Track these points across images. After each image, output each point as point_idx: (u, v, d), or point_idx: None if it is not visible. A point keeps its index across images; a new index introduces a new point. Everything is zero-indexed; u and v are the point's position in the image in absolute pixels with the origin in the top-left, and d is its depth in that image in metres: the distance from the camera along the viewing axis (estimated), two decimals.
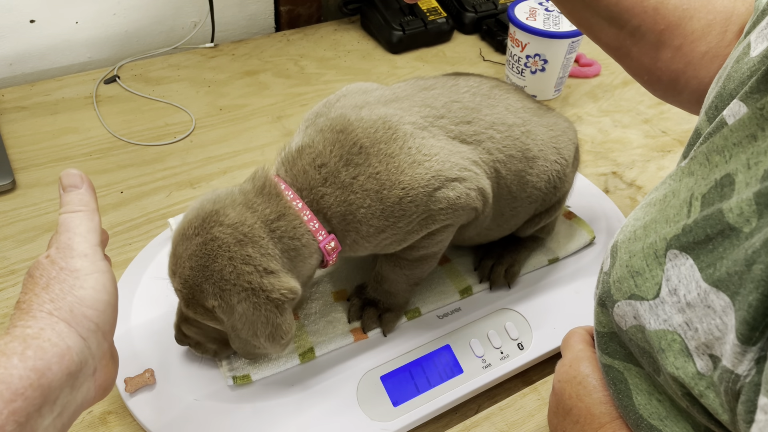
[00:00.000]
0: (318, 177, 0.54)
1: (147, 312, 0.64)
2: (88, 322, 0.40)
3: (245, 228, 0.51)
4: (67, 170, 0.45)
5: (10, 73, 1.01)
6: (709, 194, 0.37)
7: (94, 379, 0.41)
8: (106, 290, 0.41)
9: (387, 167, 0.54)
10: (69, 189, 0.45)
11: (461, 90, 0.62)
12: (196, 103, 0.98)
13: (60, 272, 0.40)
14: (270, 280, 0.51)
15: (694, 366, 0.35)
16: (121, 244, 0.74)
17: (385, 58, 1.13)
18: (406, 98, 0.60)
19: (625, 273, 0.42)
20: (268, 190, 0.54)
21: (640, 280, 0.40)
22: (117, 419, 0.58)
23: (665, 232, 0.39)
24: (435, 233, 0.59)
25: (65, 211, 0.44)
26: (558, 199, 0.68)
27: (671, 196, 0.41)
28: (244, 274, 0.50)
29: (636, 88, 1.09)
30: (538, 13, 0.97)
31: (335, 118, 0.56)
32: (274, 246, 0.52)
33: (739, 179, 0.35)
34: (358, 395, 0.58)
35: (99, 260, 0.42)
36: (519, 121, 0.62)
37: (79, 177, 0.45)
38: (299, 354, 0.61)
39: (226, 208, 0.52)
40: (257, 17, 1.19)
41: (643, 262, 0.40)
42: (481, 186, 0.58)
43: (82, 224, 0.43)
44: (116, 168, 0.85)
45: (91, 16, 1.03)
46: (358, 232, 0.55)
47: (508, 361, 0.63)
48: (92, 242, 0.43)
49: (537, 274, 0.71)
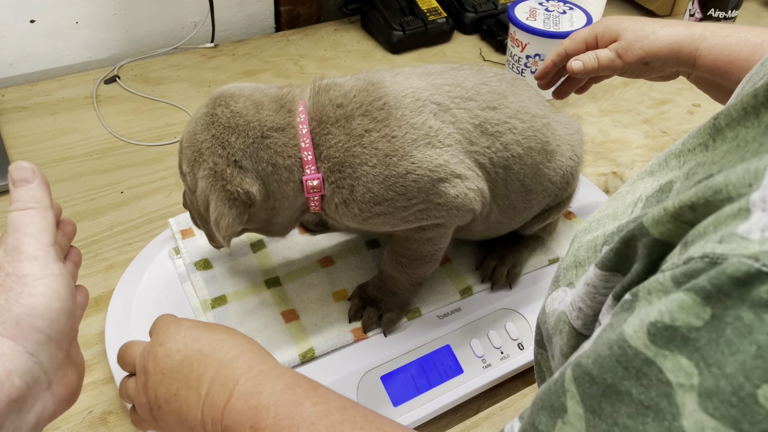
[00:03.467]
0: (332, 115, 0.54)
1: (147, 312, 0.64)
2: (38, 334, 0.36)
3: (241, 120, 0.53)
4: (16, 163, 0.41)
5: (10, 73, 1.01)
6: (652, 197, 0.38)
7: (51, 393, 0.38)
8: (58, 296, 0.37)
9: (405, 135, 0.54)
10: (19, 184, 0.40)
11: (488, 74, 0.62)
12: (196, 103, 0.98)
13: (6, 279, 0.36)
14: (234, 172, 0.52)
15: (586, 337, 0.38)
16: (121, 244, 0.74)
17: (385, 58, 1.13)
18: (438, 74, 0.60)
19: (571, 262, 0.43)
20: (284, 103, 0.55)
21: (580, 270, 0.42)
22: (117, 419, 0.58)
23: (608, 228, 0.40)
24: (426, 229, 0.58)
25: (14, 209, 0.39)
26: (567, 195, 0.68)
27: (629, 193, 0.42)
28: (215, 155, 0.52)
29: (636, 88, 1.09)
30: (538, 13, 0.97)
31: (372, 73, 0.58)
32: (256, 149, 0.53)
33: (676, 187, 0.36)
34: (358, 395, 0.58)
35: (51, 263, 0.38)
36: (541, 113, 0.62)
37: (30, 170, 0.41)
38: (299, 354, 0.60)
39: (240, 97, 0.54)
40: (257, 17, 1.19)
41: (585, 254, 0.42)
42: (481, 187, 0.58)
43: (33, 223, 0.39)
44: (116, 168, 0.85)
45: (91, 16, 1.03)
46: (352, 192, 0.54)
47: (508, 361, 0.63)
48: (44, 243, 0.38)
49: (537, 274, 0.71)
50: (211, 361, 0.44)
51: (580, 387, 0.29)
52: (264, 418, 0.41)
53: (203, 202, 0.54)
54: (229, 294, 0.65)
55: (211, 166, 0.52)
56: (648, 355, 0.26)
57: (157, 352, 0.46)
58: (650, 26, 0.67)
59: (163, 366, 0.45)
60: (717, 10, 1.14)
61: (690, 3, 1.18)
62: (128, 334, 0.61)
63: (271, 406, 0.41)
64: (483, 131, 0.57)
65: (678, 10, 1.31)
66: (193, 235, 0.70)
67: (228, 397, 0.43)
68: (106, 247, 0.74)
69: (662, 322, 0.26)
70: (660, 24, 0.67)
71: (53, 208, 0.43)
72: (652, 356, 0.26)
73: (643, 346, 0.26)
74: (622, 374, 0.27)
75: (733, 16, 1.15)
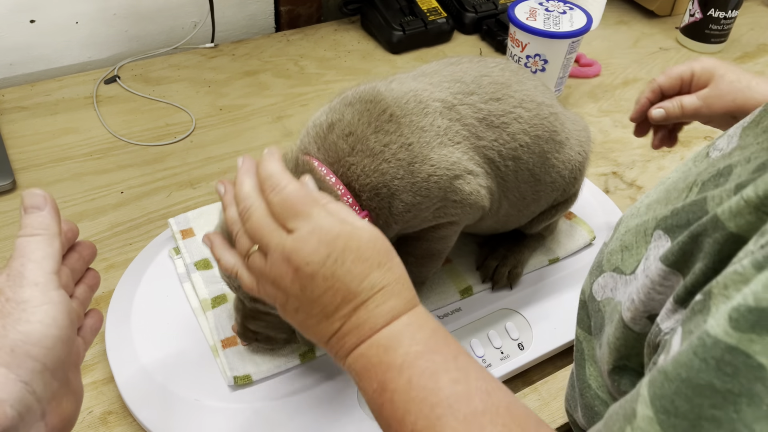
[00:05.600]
0: (345, 147, 0.53)
1: (147, 312, 0.64)
2: (32, 362, 0.36)
3: None
4: (29, 190, 0.41)
5: (10, 73, 1.01)
6: (709, 182, 0.37)
7: (45, 423, 0.37)
8: (56, 324, 0.37)
9: (419, 140, 0.53)
10: (30, 210, 0.41)
11: (490, 65, 0.62)
12: (196, 103, 0.98)
13: (5, 304, 0.36)
14: None
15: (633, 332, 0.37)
16: (121, 244, 0.74)
17: (386, 59, 1.13)
18: (434, 73, 0.59)
19: (617, 246, 0.42)
20: (300, 168, 0.52)
21: (627, 254, 0.41)
22: (117, 419, 0.58)
23: (660, 212, 0.40)
24: (440, 227, 0.59)
25: (22, 234, 0.40)
26: (574, 191, 0.68)
27: (681, 178, 0.41)
28: None
29: (636, 87, 1.09)
30: (538, 13, 0.97)
31: (364, 90, 0.56)
32: None
33: (735, 171, 0.36)
34: (359, 395, 0.58)
35: (52, 290, 0.38)
36: (548, 101, 0.62)
37: (42, 198, 0.41)
38: (299, 354, 0.60)
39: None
40: (257, 17, 1.19)
41: (633, 238, 0.41)
42: (489, 184, 0.58)
43: (39, 249, 0.39)
44: (116, 168, 0.85)
45: (91, 16, 1.03)
46: (390, 209, 0.54)
47: (508, 361, 0.63)
48: (47, 269, 0.38)
49: (537, 274, 0.71)
50: (356, 299, 0.42)
51: (651, 389, 0.28)
52: (395, 380, 0.39)
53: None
54: (229, 294, 0.65)
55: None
56: (730, 342, 0.25)
57: (300, 268, 0.42)
58: (746, 79, 0.64)
59: (304, 285, 0.42)
60: (717, 10, 1.14)
61: (690, 3, 1.18)
62: (128, 334, 0.61)
63: (405, 370, 0.39)
64: (488, 124, 0.57)
65: (678, 10, 1.31)
66: (193, 235, 0.70)
67: (360, 342, 0.41)
68: (106, 247, 0.74)
69: (745, 305, 0.25)
70: (757, 78, 0.64)
71: (69, 232, 0.44)
72: (736, 343, 0.25)
73: (723, 333, 0.25)
74: (699, 366, 0.26)
75: (733, 16, 1.15)
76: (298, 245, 0.42)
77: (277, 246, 0.43)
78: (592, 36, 1.23)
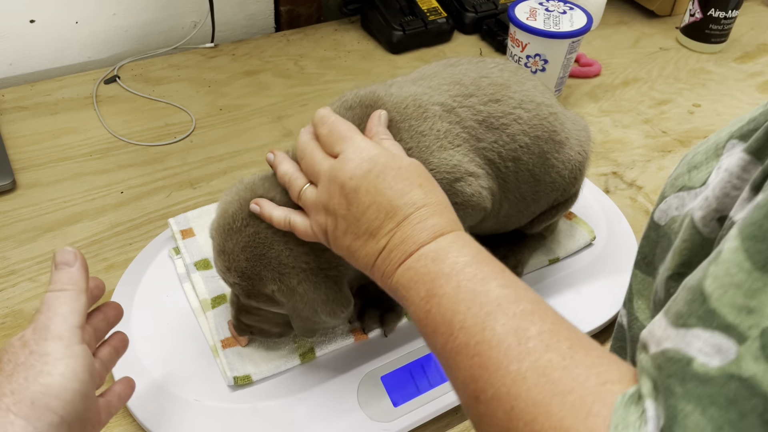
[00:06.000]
0: None
1: (147, 312, 0.64)
2: (51, 414, 0.37)
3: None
4: (63, 248, 0.43)
5: (10, 73, 1.01)
6: None
7: None
8: (76, 378, 0.38)
9: (418, 144, 0.54)
10: (60, 266, 0.42)
11: (489, 65, 0.62)
12: (196, 103, 0.98)
13: (29, 356, 0.38)
14: (326, 257, 0.51)
15: (700, 235, 0.37)
16: (121, 244, 0.74)
17: (386, 58, 1.13)
18: (433, 76, 0.59)
19: (683, 169, 0.42)
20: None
21: (695, 172, 0.41)
22: (117, 419, 0.58)
23: (734, 127, 0.39)
24: None
25: (51, 290, 0.41)
26: (575, 191, 0.68)
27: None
28: (300, 255, 0.50)
29: (636, 88, 1.09)
30: (538, 13, 0.97)
31: (364, 94, 0.56)
32: None
33: None
34: (359, 395, 0.58)
35: (75, 344, 0.39)
36: (547, 101, 0.62)
37: (72, 254, 0.43)
38: (299, 354, 0.60)
39: (270, 192, 0.52)
40: (257, 17, 1.19)
41: (703, 156, 0.41)
42: (491, 185, 0.58)
43: (66, 304, 0.41)
44: (116, 168, 0.85)
45: (91, 16, 1.03)
46: None
47: None
48: (72, 324, 0.40)
49: (537, 274, 0.71)
50: (399, 214, 0.44)
51: (740, 224, 0.28)
52: (443, 285, 0.40)
53: (308, 303, 0.52)
54: (229, 294, 0.65)
55: (303, 268, 0.51)
56: None
57: (345, 184, 0.46)
58: None
59: (350, 201, 0.45)
60: (717, 10, 1.14)
61: (690, 3, 1.18)
62: (128, 334, 0.61)
63: (453, 276, 0.40)
64: (488, 126, 0.57)
65: (678, 10, 1.31)
66: (193, 235, 0.70)
67: (406, 256, 0.43)
68: (106, 247, 0.74)
69: None
70: None
71: (96, 288, 0.45)
72: None
73: None
74: None
75: (733, 16, 1.15)
76: (342, 164, 0.46)
77: (325, 170, 0.47)
78: (592, 36, 1.23)
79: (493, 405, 0.34)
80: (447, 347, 0.38)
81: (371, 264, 0.45)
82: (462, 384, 0.37)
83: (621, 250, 0.74)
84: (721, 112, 1.05)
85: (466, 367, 0.36)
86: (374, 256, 0.44)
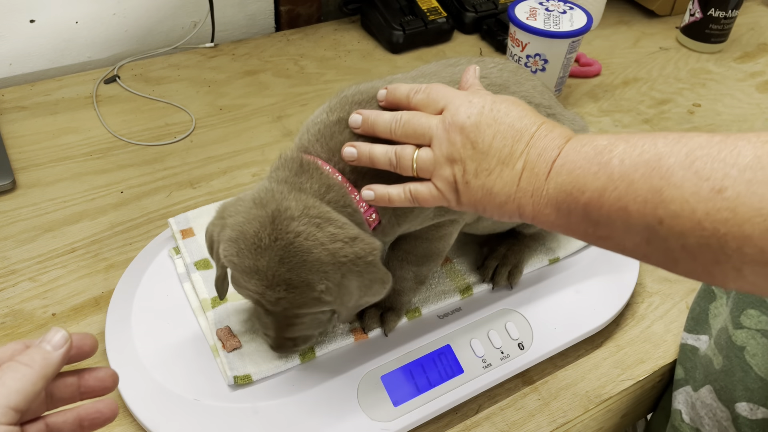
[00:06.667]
0: None
1: (147, 312, 0.64)
2: None
3: (314, 211, 0.51)
4: (59, 330, 0.39)
5: (10, 73, 1.01)
6: None
7: None
8: None
9: None
10: (44, 344, 0.39)
11: (488, 65, 0.62)
12: (196, 103, 0.98)
13: None
14: (359, 246, 0.51)
15: None
16: (121, 244, 0.74)
17: (386, 58, 1.13)
18: (433, 75, 0.60)
19: None
20: (306, 168, 0.53)
21: None
22: (117, 419, 0.58)
23: None
24: (440, 226, 0.59)
25: (18, 360, 0.38)
26: None
27: None
28: (337, 252, 0.50)
29: (636, 87, 1.09)
30: (538, 13, 0.97)
31: (365, 89, 0.56)
32: (340, 215, 0.52)
33: None
34: (359, 395, 0.58)
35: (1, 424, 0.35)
36: (546, 102, 0.62)
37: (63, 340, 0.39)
38: (299, 354, 0.60)
39: (284, 202, 0.51)
40: (257, 17, 1.19)
41: None
42: None
43: (19, 381, 0.37)
44: (116, 168, 0.85)
45: (91, 16, 1.03)
46: (394, 209, 0.55)
47: (508, 361, 0.63)
48: (10, 403, 0.36)
49: (537, 274, 0.71)
50: (525, 134, 0.45)
51: None
52: (612, 149, 0.40)
53: (356, 292, 0.52)
54: (229, 293, 0.65)
55: (343, 262, 0.50)
56: None
57: (464, 124, 0.47)
58: None
59: (474, 139, 0.46)
60: (717, 10, 1.14)
61: (690, 3, 1.18)
62: (128, 334, 0.61)
63: (615, 140, 0.41)
64: None
65: (678, 10, 1.31)
66: (193, 235, 0.70)
67: (551, 162, 0.44)
68: (106, 247, 0.74)
69: None
70: None
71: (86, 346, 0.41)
72: None
73: None
74: None
75: (733, 15, 1.15)
76: (453, 111, 0.48)
77: (437, 125, 0.48)
78: (592, 36, 1.23)
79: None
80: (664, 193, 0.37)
81: (513, 191, 0.45)
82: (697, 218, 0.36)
83: None
84: (721, 111, 1.05)
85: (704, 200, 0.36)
86: (515, 181, 0.45)
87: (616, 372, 0.66)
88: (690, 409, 0.64)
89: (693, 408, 0.63)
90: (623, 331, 0.70)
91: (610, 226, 0.40)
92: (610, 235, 0.41)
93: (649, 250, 0.39)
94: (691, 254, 0.37)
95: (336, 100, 0.57)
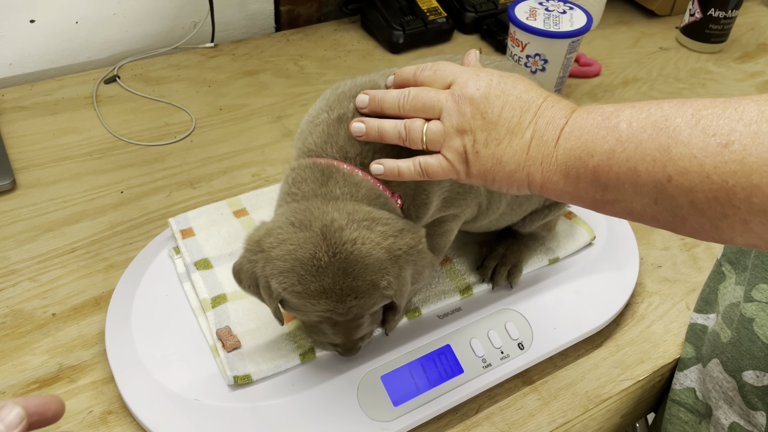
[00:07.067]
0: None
1: (147, 312, 0.64)
2: None
3: (358, 214, 0.50)
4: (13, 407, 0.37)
5: (10, 73, 1.01)
6: None
7: None
8: None
9: None
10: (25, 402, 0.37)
11: (484, 64, 0.62)
12: (196, 103, 0.98)
13: None
14: (409, 237, 0.52)
15: None
16: (121, 244, 0.74)
17: (386, 58, 1.13)
18: None
19: None
20: (329, 175, 0.53)
21: None
22: (117, 419, 0.58)
23: None
24: (443, 222, 0.59)
25: None
26: None
27: None
28: (392, 247, 0.51)
29: (636, 87, 1.10)
30: (538, 13, 0.97)
31: (364, 82, 0.56)
32: (380, 210, 0.52)
33: None
34: (359, 395, 0.58)
35: None
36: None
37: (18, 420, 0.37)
38: (299, 354, 0.60)
39: (326, 216, 0.50)
40: (257, 17, 1.19)
41: None
42: None
43: None
44: (116, 168, 0.85)
45: (91, 17, 1.03)
46: (414, 199, 0.56)
47: (508, 361, 0.63)
48: None
49: (537, 274, 0.71)
50: (533, 105, 0.47)
51: None
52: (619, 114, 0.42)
53: (415, 281, 0.53)
54: (229, 293, 0.65)
55: (399, 255, 0.51)
56: None
57: (474, 96, 0.48)
58: None
59: (483, 109, 0.47)
60: (717, 10, 1.14)
61: (690, 3, 1.18)
62: (128, 333, 0.61)
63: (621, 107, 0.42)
64: None
65: (678, 10, 1.31)
66: (193, 235, 0.70)
67: (559, 130, 0.45)
68: (106, 247, 0.74)
69: None
70: None
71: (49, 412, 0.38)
72: None
73: None
74: None
75: (733, 15, 1.15)
76: (462, 84, 0.49)
77: (447, 97, 0.49)
78: (592, 36, 1.23)
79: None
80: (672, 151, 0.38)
81: (523, 159, 0.46)
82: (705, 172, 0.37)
83: (621, 249, 0.74)
84: None
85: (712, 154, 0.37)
86: (524, 149, 0.46)
87: (616, 372, 0.66)
88: (702, 386, 0.64)
89: (703, 384, 0.64)
90: (623, 331, 0.70)
91: (618, 189, 0.41)
92: (618, 198, 0.42)
93: (657, 210, 0.40)
94: (700, 210, 0.38)
95: (333, 97, 0.57)
